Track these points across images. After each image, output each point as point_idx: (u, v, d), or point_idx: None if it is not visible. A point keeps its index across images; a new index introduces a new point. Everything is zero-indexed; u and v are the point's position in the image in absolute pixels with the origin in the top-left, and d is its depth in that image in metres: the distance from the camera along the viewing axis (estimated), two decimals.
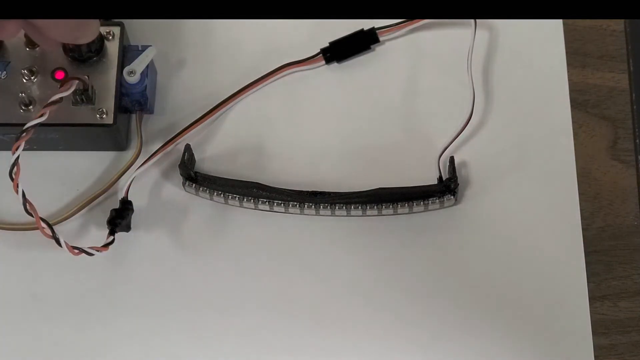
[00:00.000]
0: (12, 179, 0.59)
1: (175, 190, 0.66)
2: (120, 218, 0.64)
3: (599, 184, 0.66)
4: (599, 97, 0.68)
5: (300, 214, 0.65)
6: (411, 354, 0.62)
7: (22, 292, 0.64)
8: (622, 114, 0.68)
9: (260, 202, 0.65)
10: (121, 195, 0.65)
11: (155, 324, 0.63)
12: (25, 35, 0.64)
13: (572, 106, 0.68)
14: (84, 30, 0.57)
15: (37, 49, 0.64)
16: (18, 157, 0.59)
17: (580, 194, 0.66)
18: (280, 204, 0.65)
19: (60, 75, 0.64)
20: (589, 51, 0.70)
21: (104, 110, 0.63)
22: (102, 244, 0.63)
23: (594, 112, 0.68)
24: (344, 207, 0.64)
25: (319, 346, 0.63)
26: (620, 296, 0.64)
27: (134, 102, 0.65)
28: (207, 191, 0.65)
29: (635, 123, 0.68)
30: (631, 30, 0.70)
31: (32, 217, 0.60)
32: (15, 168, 0.59)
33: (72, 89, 0.62)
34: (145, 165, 0.65)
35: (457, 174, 0.64)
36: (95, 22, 0.59)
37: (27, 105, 0.63)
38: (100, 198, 0.66)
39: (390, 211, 0.65)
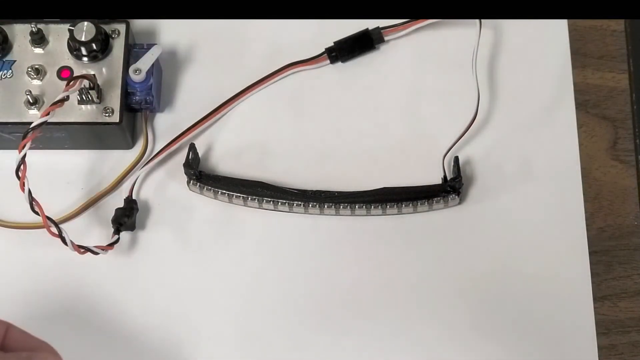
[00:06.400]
0: (18, 178, 0.59)
1: (179, 189, 0.66)
2: (125, 217, 0.64)
3: (599, 184, 0.67)
4: (599, 97, 0.69)
5: (304, 214, 0.65)
6: (415, 353, 0.63)
7: (28, 290, 0.64)
8: (622, 114, 0.68)
9: (264, 201, 0.65)
10: (126, 194, 0.65)
11: (159, 323, 0.63)
12: (31, 34, 0.64)
13: None
14: None
15: (43, 47, 0.64)
16: (24, 156, 0.59)
17: None
18: (285, 203, 0.65)
19: (65, 74, 0.64)
20: (590, 51, 0.70)
21: (110, 108, 0.63)
22: (107, 243, 0.63)
23: (594, 112, 0.68)
24: (349, 207, 0.64)
25: (322, 344, 0.63)
26: (620, 296, 0.64)
27: (140, 100, 0.65)
28: (212, 190, 0.65)
29: (635, 123, 0.68)
30: (631, 30, 0.70)
31: (38, 216, 0.60)
32: (21, 167, 0.59)
33: (78, 88, 0.61)
34: (150, 164, 0.65)
35: (462, 173, 0.64)
36: None
37: (33, 104, 0.63)
38: (106, 197, 0.65)
39: (395, 211, 0.65)
